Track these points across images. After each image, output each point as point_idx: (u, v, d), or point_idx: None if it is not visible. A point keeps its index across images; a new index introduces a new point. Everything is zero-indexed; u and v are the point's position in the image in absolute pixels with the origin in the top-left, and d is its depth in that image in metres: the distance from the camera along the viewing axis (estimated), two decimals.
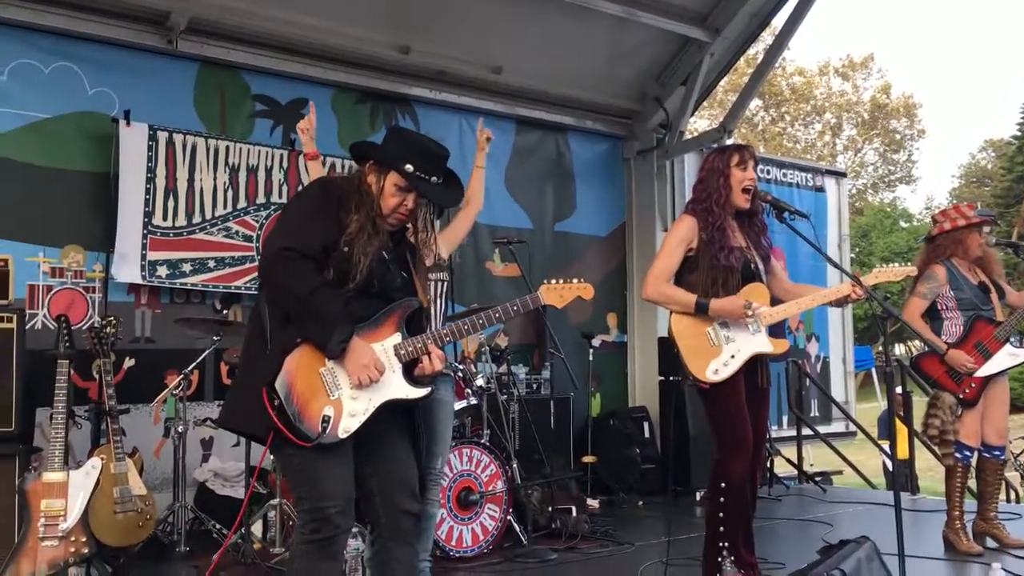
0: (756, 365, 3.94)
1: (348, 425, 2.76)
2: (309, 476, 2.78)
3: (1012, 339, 4.84)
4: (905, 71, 57.08)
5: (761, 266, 3.99)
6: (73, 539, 4.24)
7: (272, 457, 3.04)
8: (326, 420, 2.72)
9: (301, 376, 2.74)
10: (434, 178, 2.93)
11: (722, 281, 3.86)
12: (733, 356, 3.83)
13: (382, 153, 2.95)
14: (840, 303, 3.91)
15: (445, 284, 4.16)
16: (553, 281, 3.13)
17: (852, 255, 30.32)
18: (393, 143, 3.00)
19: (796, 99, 37.01)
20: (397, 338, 2.88)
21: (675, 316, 3.91)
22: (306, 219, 2.82)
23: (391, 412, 2.87)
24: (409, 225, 3.04)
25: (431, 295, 4.06)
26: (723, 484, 3.86)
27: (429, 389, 2.93)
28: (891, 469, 9.66)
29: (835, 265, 3.68)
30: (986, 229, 5.04)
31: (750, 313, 3.79)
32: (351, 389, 2.78)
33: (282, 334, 2.78)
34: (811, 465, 10.58)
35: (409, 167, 2.87)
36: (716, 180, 3.92)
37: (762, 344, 3.88)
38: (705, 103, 27.09)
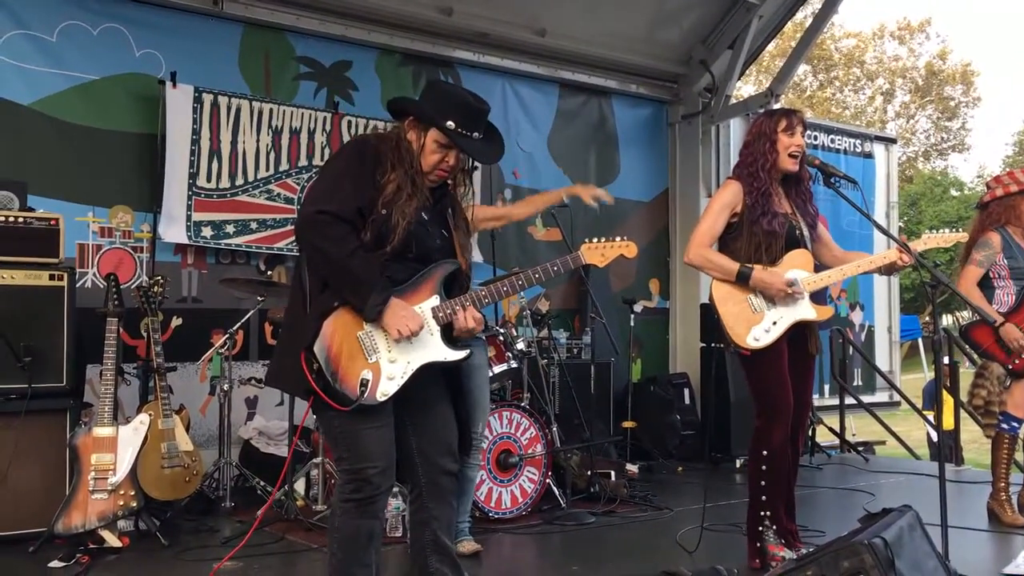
0: (804, 332, 3.90)
1: (386, 388, 2.77)
2: (349, 438, 2.80)
3: None
4: (962, 38, 55.48)
5: (807, 232, 3.94)
6: (122, 492, 4.36)
7: (315, 417, 3.07)
8: (364, 384, 2.73)
9: (339, 339, 2.74)
10: (476, 133, 2.89)
11: (766, 247, 3.82)
12: (775, 323, 3.80)
13: (423, 110, 2.91)
14: (887, 271, 3.84)
15: None
16: (595, 240, 3.08)
17: (900, 223, 29.81)
18: (433, 98, 2.95)
19: (846, 63, 36.20)
20: (435, 300, 2.86)
21: (716, 282, 3.88)
22: (341, 181, 2.80)
23: (431, 373, 2.88)
24: (450, 181, 3.02)
25: None
26: (764, 452, 3.85)
27: (468, 351, 2.93)
28: (935, 440, 9.55)
29: (883, 231, 3.62)
30: None
31: (791, 291, 3.74)
32: (389, 352, 2.78)
33: (320, 297, 2.79)
34: (853, 435, 10.49)
35: (451, 123, 2.83)
36: (763, 145, 3.86)
37: (805, 311, 3.84)
38: (750, 68, 26.68)
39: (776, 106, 7.79)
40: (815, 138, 8.92)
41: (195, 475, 4.76)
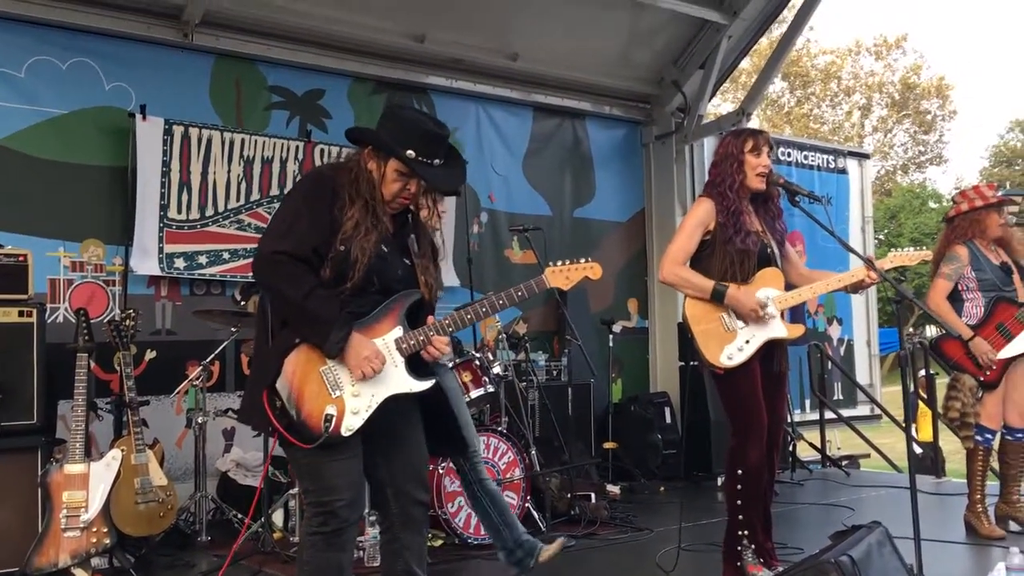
0: (772, 350, 3.92)
1: (351, 423, 2.74)
2: (315, 471, 2.78)
3: None
4: (937, 51, 56.17)
5: (777, 251, 3.96)
6: (95, 530, 4.31)
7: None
8: (328, 419, 2.71)
9: (301, 377, 2.72)
10: (436, 160, 2.87)
11: (739, 264, 3.84)
12: (748, 341, 3.81)
13: (381, 139, 2.88)
14: (855, 288, 3.87)
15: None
16: (559, 263, 3.06)
17: (881, 236, 30.06)
18: (391, 127, 2.92)
19: (824, 79, 36.53)
20: (398, 332, 2.84)
21: (689, 300, 3.89)
22: (298, 219, 2.77)
23: (399, 403, 2.85)
24: (412, 207, 3.00)
25: None
26: (739, 471, 3.84)
27: (433, 381, 2.90)
28: (916, 452, 9.57)
29: (848, 248, 3.64)
30: (1007, 209, 4.96)
31: (763, 314, 3.76)
32: (352, 386, 2.76)
33: (281, 334, 2.77)
34: (838, 449, 10.51)
35: (410, 152, 2.81)
36: (730, 165, 3.90)
37: (777, 329, 3.85)
38: (728, 86, 26.84)
39: (748, 124, 7.88)
40: (789, 155, 8.99)
41: (170, 509, 4.72)
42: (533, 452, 5.49)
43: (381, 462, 2.93)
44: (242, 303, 5.82)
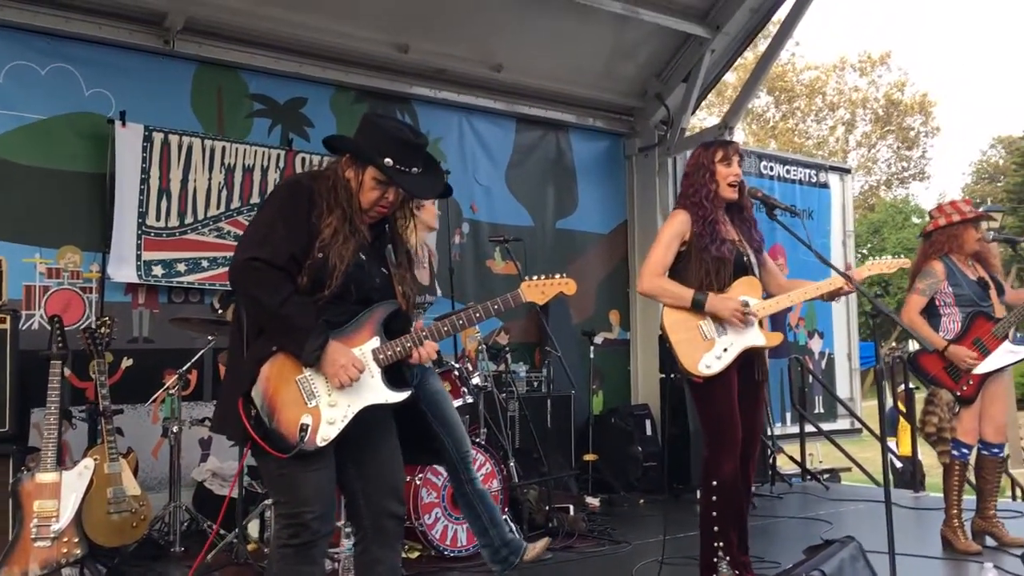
0: (750, 359, 3.92)
1: (327, 433, 2.72)
2: (287, 482, 2.75)
3: (1018, 334, 4.79)
4: (921, 68, 56.69)
5: (754, 259, 3.97)
6: (65, 540, 4.25)
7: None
8: (304, 429, 2.68)
9: (277, 385, 2.70)
10: (414, 169, 2.86)
11: (715, 273, 3.84)
12: (726, 349, 3.81)
13: (359, 148, 2.88)
14: (832, 296, 3.89)
15: (428, 307, 4.32)
16: (535, 278, 3.09)
17: (864, 251, 30.22)
18: (369, 135, 2.91)
19: (808, 94, 36.79)
20: (375, 342, 2.83)
21: (667, 310, 3.90)
22: (274, 226, 2.75)
23: (375, 413, 2.83)
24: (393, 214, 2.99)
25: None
26: (714, 482, 3.83)
27: (409, 392, 2.89)
28: (897, 466, 9.61)
29: (825, 262, 3.65)
30: (983, 224, 4.99)
31: (746, 312, 3.76)
32: (329, 396, 2.74)
33: (257, 342, 2.75)
34: (820, 462, 10.54)
35: (388, 161, 2.80)
36: (702, 175, 3.92)
37: (755, 337, 3.85)
38: (715, 100, 26.93)
39: (730, 137, 7.91)
40: (771, 168, 9.03)
41: (143, 520, 4.68)
42: (512, 464, 5.47)
43: (355, 473, 2.90)
44: (220, 311, 5.79)
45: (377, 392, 2.81)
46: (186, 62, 6.15)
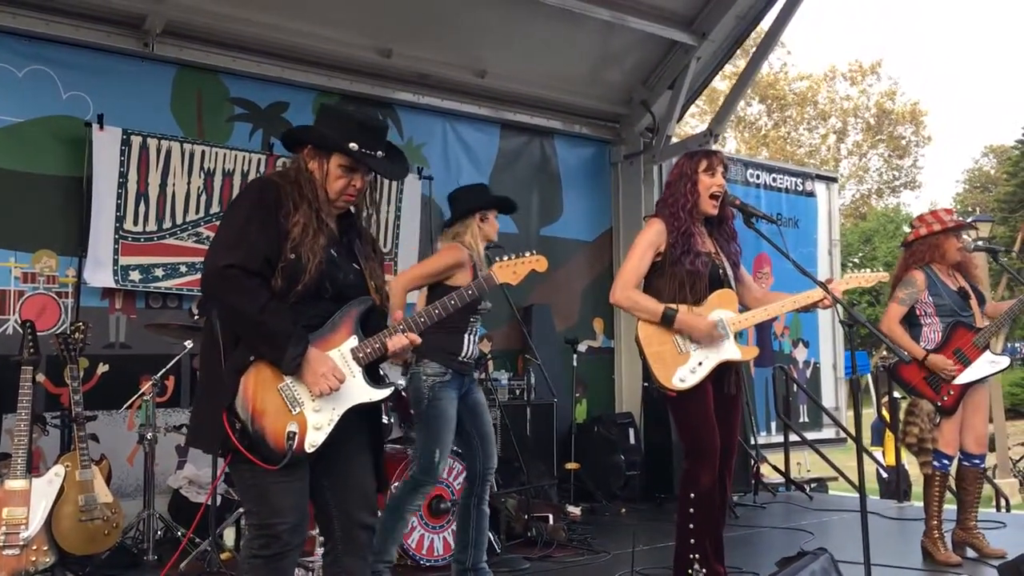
0: (725, 372, 3.88)
1: (314, 439, 2.68)
2: (260, 491, 2.69)
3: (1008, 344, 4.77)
4: (912, 77, 56.96)
5: (730, 272, 3.93)
6: (34, 548, 4.21)
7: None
8: (291, 437, 2.64)
9: (259, 395, 2.65)
10: (378, 152, 2.84)
11: (689, 286, 3.81)
12: (700, 363, 3.77)
13: (322, 136, 2.83)
14: (809, 309, 3.85)
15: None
16: (506, 258, 3.06)
17: (855, 259, 30.27)
18: (331, 123, 2.87)
19: (800, 103, 36.89)
20: (353, 341, 2.78)
21: (642, 323, 3.86)
22: (245, 230, 2.69)
23: (352, 422, 2.78)
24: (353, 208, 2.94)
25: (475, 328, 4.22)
26: (692, 494, 3.80)
27: (392, 389, 2.86)
28: (883, 476, 9.59)
29: (803, 272, 3.60)
30: (965, 234, 4.97)
31: (715, 334, 3.73)
32: (313, 401, 2.70)
33: (235, 352, 2.69)
34: (808, 471, 10.52)
35: (353, 145, 2.77)
36: (684, 185, 3.88)
37: (730, 351, 3.81)
38: (708, 108, 26.96)
39: (716, 145, 7.90)
40: (757, 177, 9.01)
41: (115, 528, 4.61)
42: None
43: (327, 483, 2.85)
44: (198, 317, 5.74)
45: (360, 391, 2.77)
46: (166, 65, 6.10)
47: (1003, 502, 8.70)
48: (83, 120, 5.69)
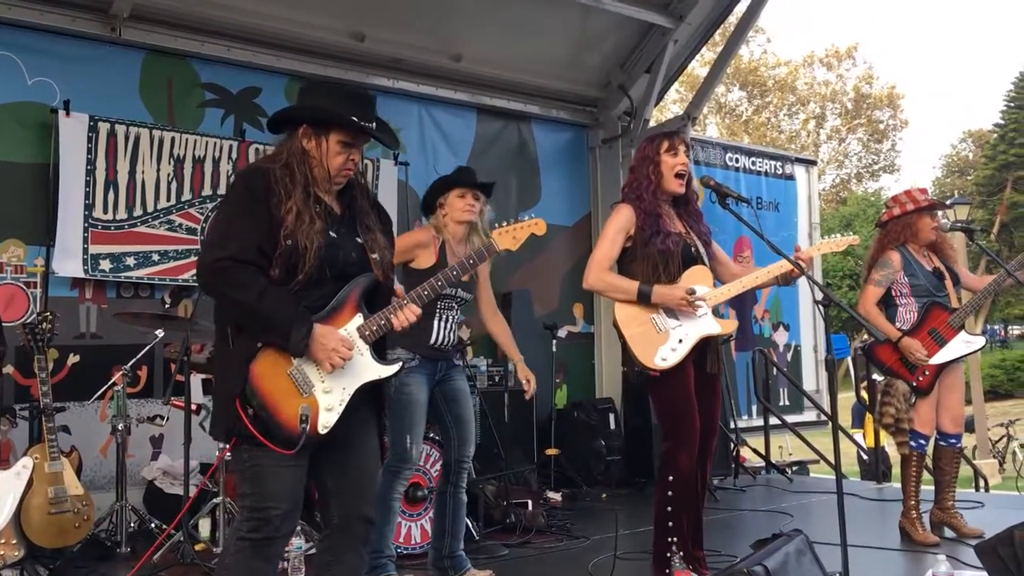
0: (704, 351, 3.86)
1: (327, 420, 2.67)
2: (258, 476, 2.67)
3: (989, 327, 4.76)
4: (889, 62, 57.18)
5: (702, 250, 3.92)
6: (3, 541, 4.14)
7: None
8: (304, 419, 2.62)
9: (269, 381, 2.63)
10: (375, 123, 2.82)
11: (663, 267, 3.81)
12: (681, 341, 3.76)
13: (321, 113, 2.78)
14: (786, 281, 3.83)
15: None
16: (504, 223, 3.05)
17: None
18: (323, 99, 2.82)
19: (780, 89, 36.97)
20: (359, 319, 2.75)
21: (619, 305, 3.85)
22: (236, 222, 2.66)
23: (359, 405, 2.76)
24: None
25: (456, 304, 4.18)
26: (671, 476, 3.79)
27: (400, 364, 2.85)
28: (863, 458, 9.63)
29: (775, 250, 3.58)
30: (939, 214, 4.95)
31: (692, 300, 3.71)
32: (323, 383, 2.68)
33: (240, 340, 2.67)
34: (790, 454, 10.55)
35: (355, 118, 2.75)
36: (647, 168, 3.90)
37: (709, 326, 3.81)
38: (687, 94, 26.96)
39: (694, 130, 7.88)
40: (736, 160, 8.99)
41: (86, 520, 4.55)
42: None
43: (329, 471, 2.81)
44: (167, 306, 5.66)
45: (369, 369, 2.76)
46: (133, 50, 5.98)
47: (982, 482, 8.75)
48: (49, 106, 5.58)
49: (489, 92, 7.70)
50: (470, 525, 5.10)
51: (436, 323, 4.10)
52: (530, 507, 5.51)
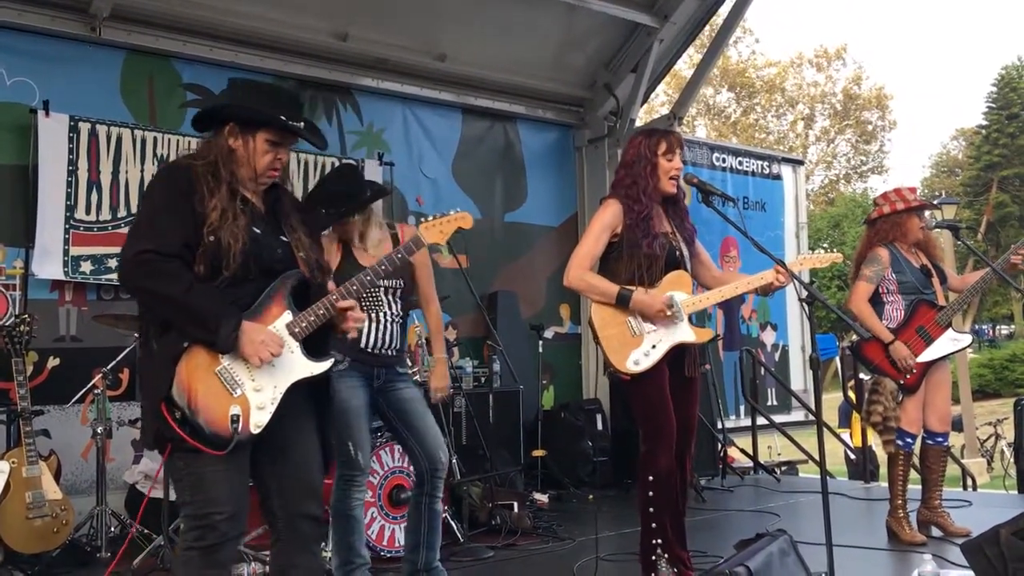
0: (681, 355, 3.82)
1: (259, 419, 2.61)
2: (196, 482, 2.61)
3: (977, 326, 4.75)
4: (877, 63, 57.44)
5: (686, 251, 3.88)
6: None
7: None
8: (235, 419, 2.56)
9: (197, 381, 2.56)
10: (303, 123, 2.79)
11: (646, 268, 3.76)
12: (654, 346, 3.72)
13: (249, 112, 2.74)
14: (764, 291, 3.79)
15: (400, 290, 4.06)
16: (431, 217, 2.99)
17: (824, 245, 30.41)
18: (251, 98, 2.79)
19: (768, 90, 37.04)
20: (288, 316, 2.70)
21: (595, 306, 3.81)
22: (158, 216, 2.62)
23: (297, 403, 2.71)
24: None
25: (384, 301, 3.97)
26: (650, 477, 3.75)
27: (332, 361, 2.78)
28: (851, 457, 9.62)
29: (760, 249, 3.55)
30: (927, 213, 4.94)
31: (670, 314, 3.66)
32: (253, 381, 2.62)
33: (164, 340, 2.60)
34: (779, 454, 10.52)
35: (283, 118, 2.72)
36: (643, 168, 3.80)
37: (685, 333, 3.76)
38: (674, 95, 26.99)
39: (681, 128, 7.85)
40: (723, 160, 8.98)
41: (65, 525, 4.50)
42: (454, 460, 5.34)
43: (269, 471, 2.76)
44: None
45: (300, 366, 2.70)
46: (114, 50, 5.92)
47: (970, 482, 8.74)
48: (28, 107, 5.51)
49: (474, 92, 7.67)
50: (455, 528, 5.07)
51: (368, 325, 3.87)
52: (516, 509, 5.47)
